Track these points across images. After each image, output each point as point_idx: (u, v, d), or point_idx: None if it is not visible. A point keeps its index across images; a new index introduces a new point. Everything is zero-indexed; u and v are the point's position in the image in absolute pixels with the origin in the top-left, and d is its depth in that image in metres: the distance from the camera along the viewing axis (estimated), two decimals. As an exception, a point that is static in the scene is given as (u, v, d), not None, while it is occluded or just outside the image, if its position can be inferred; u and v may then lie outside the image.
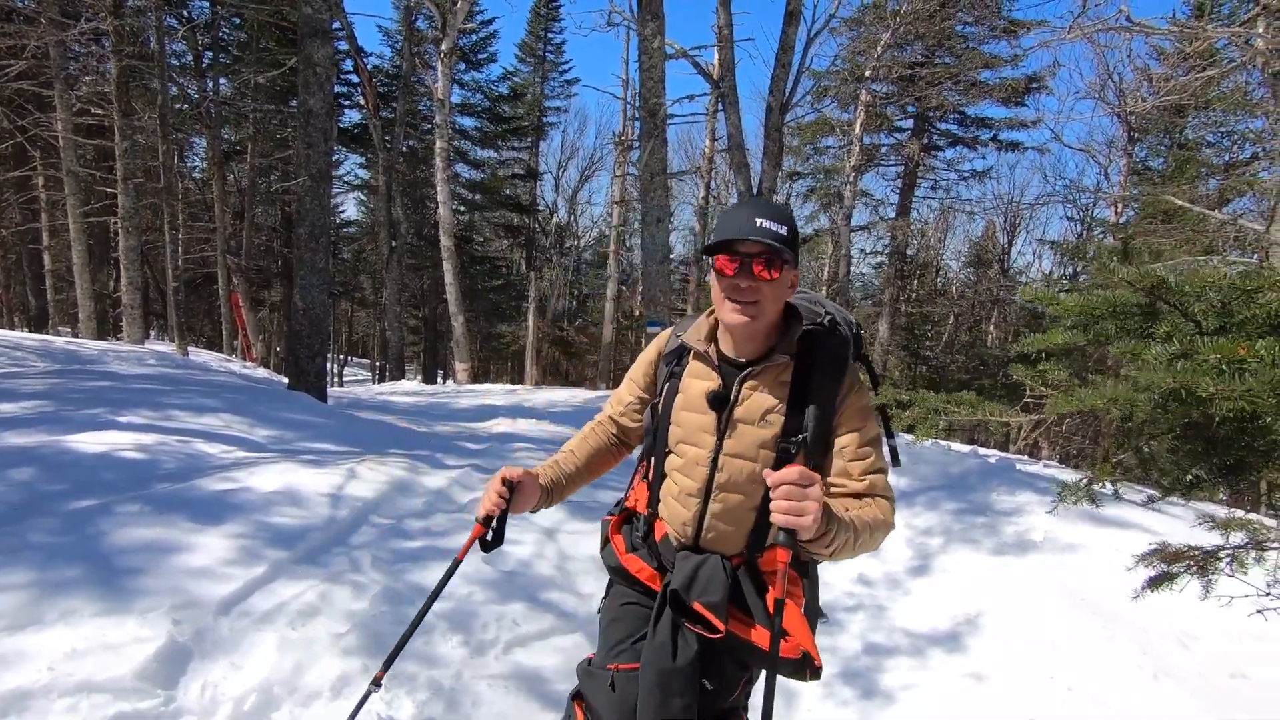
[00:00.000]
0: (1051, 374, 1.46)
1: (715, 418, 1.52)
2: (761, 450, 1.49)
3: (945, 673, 3.41)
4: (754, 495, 1.51)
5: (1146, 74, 10.55)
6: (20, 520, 2.70)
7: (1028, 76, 14.39)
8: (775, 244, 1.38)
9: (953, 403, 1.35)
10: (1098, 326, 1.43)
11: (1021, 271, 22.05)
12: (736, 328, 1.48)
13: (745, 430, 1.50)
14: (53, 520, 2.68)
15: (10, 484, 3.03)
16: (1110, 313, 1.42)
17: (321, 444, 4.75)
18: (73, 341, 10.34)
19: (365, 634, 2.49)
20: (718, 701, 1.61)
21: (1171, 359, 1.19)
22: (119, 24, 11.12)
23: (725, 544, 1.57)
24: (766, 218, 1.41)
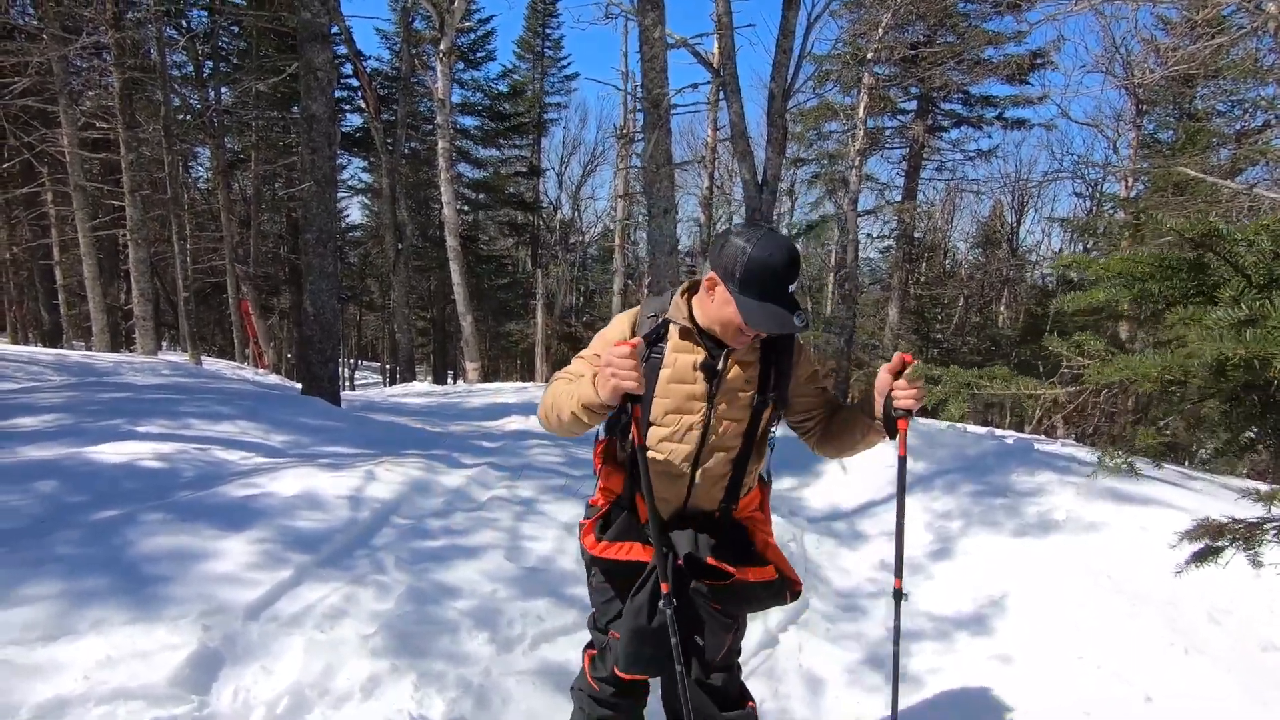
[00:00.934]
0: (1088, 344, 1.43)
1: (707, 386, 1.71)
2: (744, 409, 1.75)
3: (971, 655, 3.39)
4: (734, 449, 1.78)
5: (1154, 45, 10.40)
6: (46, 532, 2.73)
7: (1032, 52, 14.20)
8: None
9: (984, 377, 1.34)
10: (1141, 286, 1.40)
11: (1031, 250, 21.88)
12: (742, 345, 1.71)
13: (732, 394, 1.73)
14: (78, 531, 2.71)
15: (34, 496, 3.06)
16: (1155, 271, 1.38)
17: (338, 447, 4.77)
18: (87, 355, 10.43)
19: (392, 634, 2.50)
20: (713, 654, 1.84)
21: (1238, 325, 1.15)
22: (120, 37, 11.16)
23: (708, 501, 1.83)
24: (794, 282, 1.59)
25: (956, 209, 22.05)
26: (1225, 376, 1.12)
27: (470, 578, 2.98)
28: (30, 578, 2.35)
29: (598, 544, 1.84)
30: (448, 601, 2.78)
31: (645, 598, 1.77)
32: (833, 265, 20.87)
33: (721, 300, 1.63)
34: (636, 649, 1.78)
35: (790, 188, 21.46)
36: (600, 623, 1.96)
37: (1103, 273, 1.47)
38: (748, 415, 1.75)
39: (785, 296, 1.58)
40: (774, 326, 1.58)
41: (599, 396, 1.54)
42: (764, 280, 1.56)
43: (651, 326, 1.74)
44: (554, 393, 1.71)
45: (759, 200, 9.21)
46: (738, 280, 1.57)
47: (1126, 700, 2.76)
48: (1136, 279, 1.41)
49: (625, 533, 1.84)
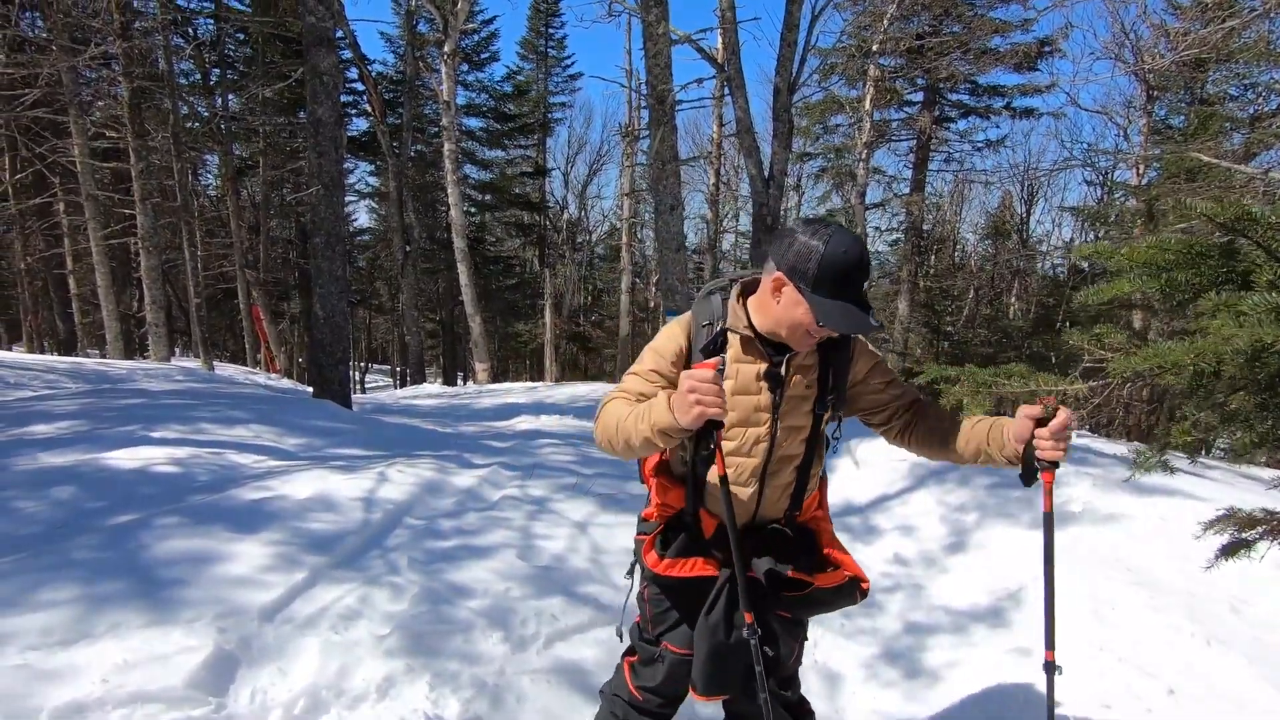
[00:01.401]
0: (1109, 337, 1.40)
1: (771, 397, 1.66)
2: (807, 416, 1.71)
3: (989, 649, 3.36)
4: (799, 457, 1.75)
5: (1164, 29, 10.26)
6: (64, 538, 2.75)
7: (1040, 40, 14.06)
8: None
9: (1001, 375, 1.31)
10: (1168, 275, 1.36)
11: (1041, 240, 21.67)
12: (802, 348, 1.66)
13: (796, 402, 1.69)
14: (95, 536, 2.73)
15: (52, 502, 3.08)
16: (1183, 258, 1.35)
17: (350, 449, 4.79)
18: (102, 362, 10.54)
19: (406, 635, 2.51)
20: (780, 668, 1.83)
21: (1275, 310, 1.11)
22: (128, 46, 11.25)
23: (774, 510, 1.80)
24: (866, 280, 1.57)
25: (965, 200, 21.90)
26: (1261, 364, 1.08)
27: (483, 577, 2.98)
28: (48, 583, 2.37)
29: (660, 561, 1.76)
30: (461, 601, 2.78)
31: (720, 616, 1.71)
32: (841, 259, 20.70)
33: (790, 301, 1.56)
34: (717, 669, 1.73)
35: (797, 182, 21.38)
36: (651, 634, 1.88)
37: (1126, 262, 1.43)
38: (810, 421, 1.71)
39: (860, 295, 1.53)
40: (850, 326, 1.52)
41: (679, 422, 1.42)
42: (838, 278, 1.50)
43: (709, 336, 1.65)
44: (615, 415, 1.59)
45: (765, 195, 9.17)
46: (811, 279, 1.51)
47: (1149, 693, 2.73)
48: (1162, 268, 1.37)
49: (688, 549, 1.76)
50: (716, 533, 1.77)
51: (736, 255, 26.74)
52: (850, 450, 5.78)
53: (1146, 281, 1.39)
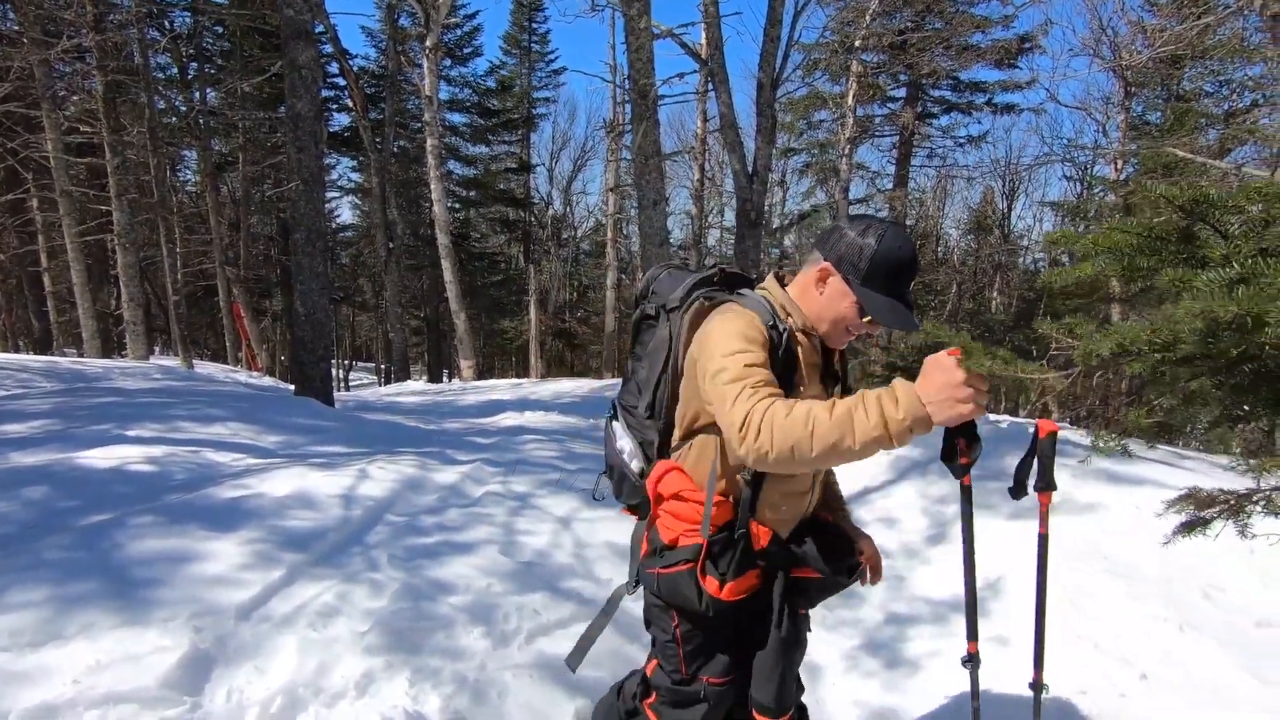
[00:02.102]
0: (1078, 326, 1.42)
1: (825, 392, 1.67)
2: None
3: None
4: None
5: (1140, 26, 10.39)
6: (35, 538, 2.70)
7: (1020, 36, 14.20)
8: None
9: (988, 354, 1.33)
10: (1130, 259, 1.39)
11: (1023, 235, 21.90)
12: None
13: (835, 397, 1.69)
14: (67, 536, 2.68)
15: (23, 502, 3.03)
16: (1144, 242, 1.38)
17: (331, 446, 4.75)
18: (78, 361, 10.36)
19: (386, 631, 2.49)
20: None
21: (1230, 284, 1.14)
22: (101, 39, 11.05)
23: (818, 509, 1.84)
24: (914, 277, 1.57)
25: (948, 196, 22.08)
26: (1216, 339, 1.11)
27: (465, 573, 2.97)
28: (18, 584, 2.32)
29: (724, 586, 1.60)
30: (442, 597, 2.77)
31: (789, 624, 1.71)
32: (825, 255, 20.81)
33: (836, 293, 1.53)
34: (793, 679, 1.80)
35: (781, 178, 21.44)
36: (687, 674, 1.74)
37: (1091, 247, 1.46)
38: None
39: (907, 293, 1.52)
40: (896, 322, 1.49)
41: (936, 418, 1.26)
42: (890, 273, 1.49)
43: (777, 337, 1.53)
44: (805, 416, 1.31)
45: (750, 191, 9.19)
46: (862, 272, 1.49)
47: (1123, 679, 2.77)
48: (1124, 252, 1.40)
49: (743, 565, 1.63)
50: (772, 542, 1.65)
51: (721, 251, 26.78)
52: (833, 444, 5.81)
53: (1110, 265, 1.42)
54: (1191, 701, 2.63)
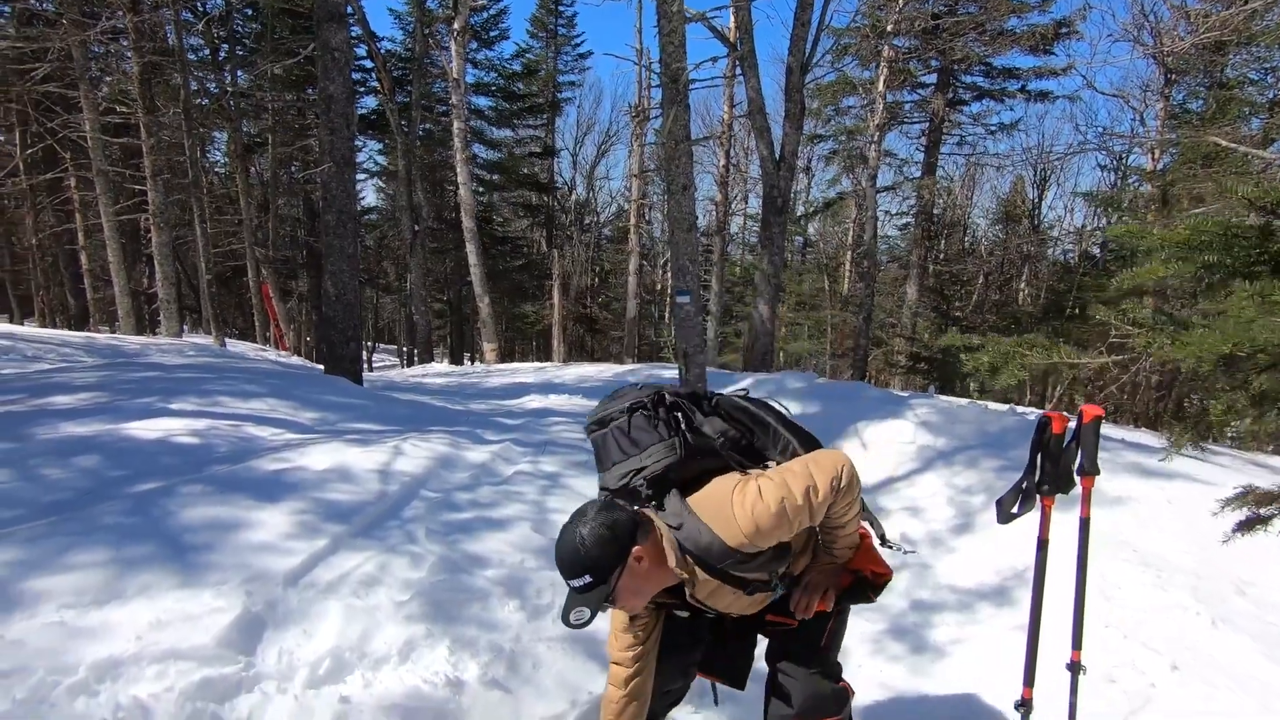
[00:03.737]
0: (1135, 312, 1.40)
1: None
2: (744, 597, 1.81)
3: (994, 626, 3.41)
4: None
5: (1184, 11, 10.11)
6: (91, 504, 2.81)
7: (1057, 21, 13.82)
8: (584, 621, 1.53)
9: (1023, 344, 1.33)
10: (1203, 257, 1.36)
11: (1053, 225, 21.49)
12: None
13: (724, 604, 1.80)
14: (120, 503, 2.79)
15: (76, 470, 3.15)
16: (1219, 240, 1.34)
17: (364, 424, 4.85)
18: (114, 338, 10.63)
19: (426, 601, 2.57)
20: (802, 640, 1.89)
21: None
22: (138, 20, 11.22)
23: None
24: (572, 603, 1.54)
25: (977, 184, 21.71)
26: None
27: (499, 549, 3.04)
28: (78, 545, 2.43)
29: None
30: (478, 571, 2.84)
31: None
32: (850, 243, 20.67)
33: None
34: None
35: (807, 165, 21.20)
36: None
37: (1159, 243, 1.43)
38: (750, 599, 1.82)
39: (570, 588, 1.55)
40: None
41: None
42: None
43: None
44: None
45: (776, 177, 9.13)
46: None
47: (1153, 669, 2.77)
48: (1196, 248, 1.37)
49: None
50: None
51: (745, 239, 26.63)
52: (859, 433, 5.81)
53: (1181, 265, 1.39)
54: (1222, 693, 2.63)
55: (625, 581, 1.54)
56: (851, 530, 1.72)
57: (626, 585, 1.55)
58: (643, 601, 1.63)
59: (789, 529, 1.57)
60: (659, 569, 1.60)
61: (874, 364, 16.98)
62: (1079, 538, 1.57)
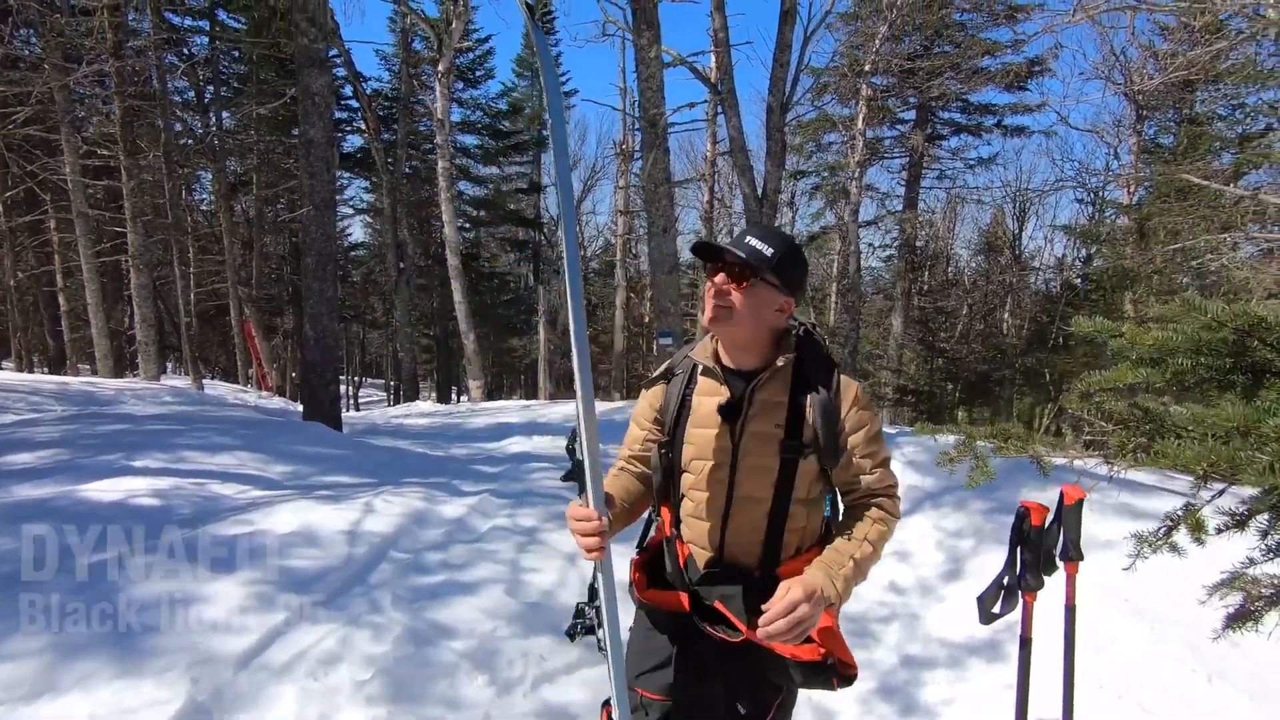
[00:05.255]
0: (1108, 405, 1.35)
1: (729, 429, 1.56)
2: (774, 456, 1.55)
3: (985, 684, 3.30)
4: (765, 502, 1.58)
5: (1152, 51, 10.38)
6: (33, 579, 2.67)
7: (1029, 60, 14.20)
8: (756, 259, 1.49)
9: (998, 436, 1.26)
10: (1175, 363, 1.31)
11: (1034, 256, 21.79)
12: (712, 327, 1.56)
13: (758, 437, 1.56)
14: (64, 579, 2.65)
15: (25, 539, 3.00)
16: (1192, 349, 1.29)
17: (338, 476, 4.71)
18: (90, 382, 10.42)
19: (388, 680, 2.43)
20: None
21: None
22: (120, 65, 11.24)
23: (745, 555, 1.62)
24: (756, 237, 1.53)
25: (958, 217, 22.02)
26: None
27: (469, 616, 2.91)
28: (15, 631, 2.29)
29: (647, 590, 1.72)
30: (445, 642, 2.71)
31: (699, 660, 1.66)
32: (835, 276, 20.82)
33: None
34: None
35: (790, 199, 21.46)
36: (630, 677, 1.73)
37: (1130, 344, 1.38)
38: (777, 464, 1.55)
39: (739, 239, 1.54)
40: (722, 243, 1.52)
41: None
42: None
43: (682, 367, 1.68)
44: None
45: (759, 214, 9.19)
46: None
47: (1149, 734, 2.66)
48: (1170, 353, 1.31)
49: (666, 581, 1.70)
50: (688, 562, 1.66)
51: (731, 271, 26.71)
52: (845, 473, 5.73)
53: (1151, 372, 1.33)
54: (1222, 760, 2.52)
55: (768, 294, 1.53)
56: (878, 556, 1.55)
57: (765, 298, 1.53)
58: (743, 329, 1.54)
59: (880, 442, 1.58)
60: (777, 330, 1.58)
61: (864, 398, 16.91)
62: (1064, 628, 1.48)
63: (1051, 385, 13.65)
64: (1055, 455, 1.20)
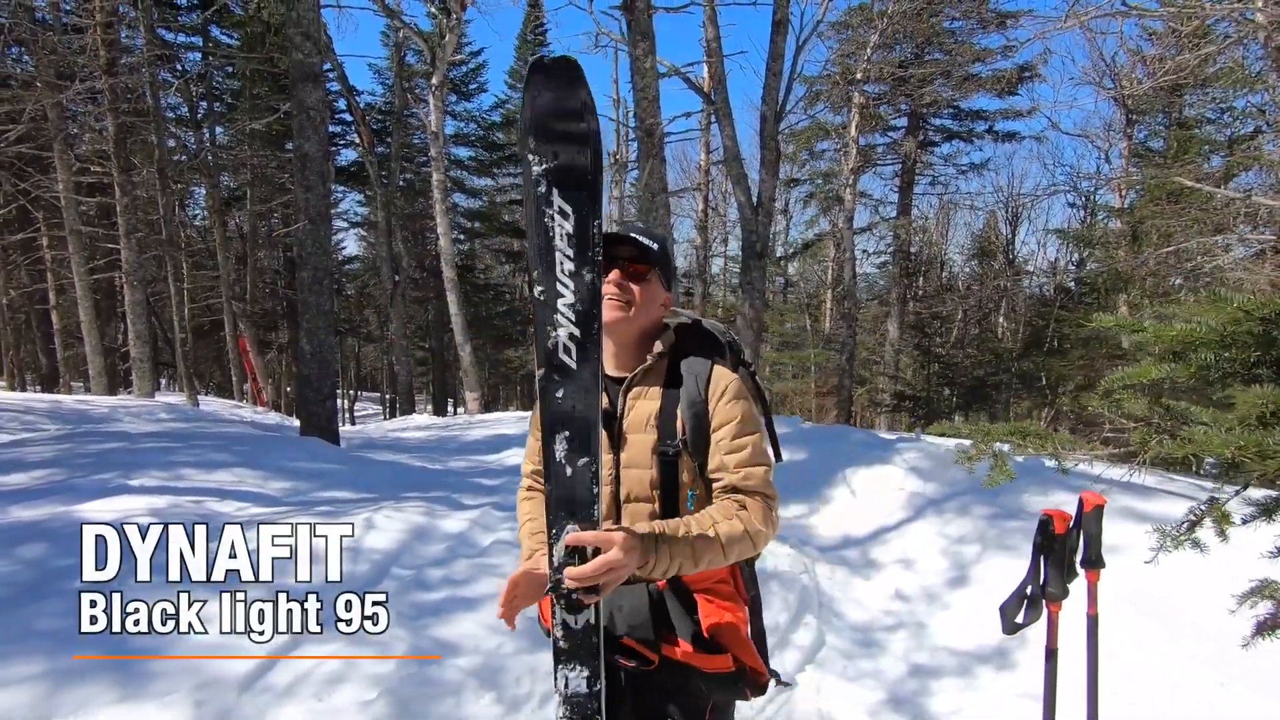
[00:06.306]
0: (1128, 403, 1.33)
1: (607, 436, 1.50)
2: (651, 456, 1.49)
3: (996, 693, 3.27)
4: (650, 506, 1.50)
5: (1140, 56, 10.47)
6: (30, 603, 2.62)
7: (1020, 66, 14.32)
8: (644, 249, 1.49)
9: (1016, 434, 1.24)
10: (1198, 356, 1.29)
11: (1027, 260, 21.90)
12: (611, 326, 1.48)
13: (635, 440, 1.50)
14: (62, 602, 2.60)
15: (19, 562, 2.95)
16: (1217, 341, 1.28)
17: (336, 491, 4.67)
18: (83, 400, 10.35)
19: (393, 700, 2.39)
20: None
21: None
22: (114, 82, 11.23)
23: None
24: (638, 232, 1.53)
25: (951, 223, 22.13)
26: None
27: (473, 632, 2.87)
28: (14, 655, 2.24)
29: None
30: (450, 660, 2.67)
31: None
32: (830, 282, 20.87)
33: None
34: None
35: (785, 207, 21.54)
36: None
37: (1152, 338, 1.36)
38: (655, 466, 1.49)
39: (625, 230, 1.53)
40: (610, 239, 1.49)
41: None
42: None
43: None
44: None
45: (755, 223, 9.20)
46: None
47: (1165, 741, 2.64)
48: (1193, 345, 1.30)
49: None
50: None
51: (726, 280, 26.84)
52: (846, 480, 5.70)
53: (1175, 367, 1.32)
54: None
55: (657, 289, 1.54)
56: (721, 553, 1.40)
57: (655, 292, 1.54)
58: (637, 325, 1.52)
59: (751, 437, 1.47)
60: (657, 327, 1.57)
61: (859, 400, 16.96)
62: (1087, 639, 1.45)
63: (1048, 389, 13.68)
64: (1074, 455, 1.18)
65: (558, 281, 1.22)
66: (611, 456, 1.51)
